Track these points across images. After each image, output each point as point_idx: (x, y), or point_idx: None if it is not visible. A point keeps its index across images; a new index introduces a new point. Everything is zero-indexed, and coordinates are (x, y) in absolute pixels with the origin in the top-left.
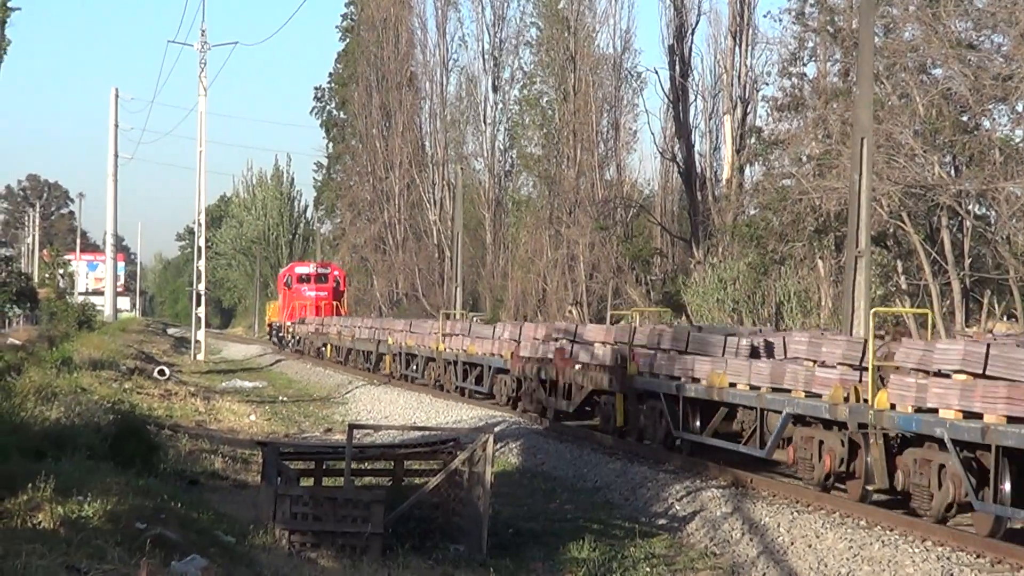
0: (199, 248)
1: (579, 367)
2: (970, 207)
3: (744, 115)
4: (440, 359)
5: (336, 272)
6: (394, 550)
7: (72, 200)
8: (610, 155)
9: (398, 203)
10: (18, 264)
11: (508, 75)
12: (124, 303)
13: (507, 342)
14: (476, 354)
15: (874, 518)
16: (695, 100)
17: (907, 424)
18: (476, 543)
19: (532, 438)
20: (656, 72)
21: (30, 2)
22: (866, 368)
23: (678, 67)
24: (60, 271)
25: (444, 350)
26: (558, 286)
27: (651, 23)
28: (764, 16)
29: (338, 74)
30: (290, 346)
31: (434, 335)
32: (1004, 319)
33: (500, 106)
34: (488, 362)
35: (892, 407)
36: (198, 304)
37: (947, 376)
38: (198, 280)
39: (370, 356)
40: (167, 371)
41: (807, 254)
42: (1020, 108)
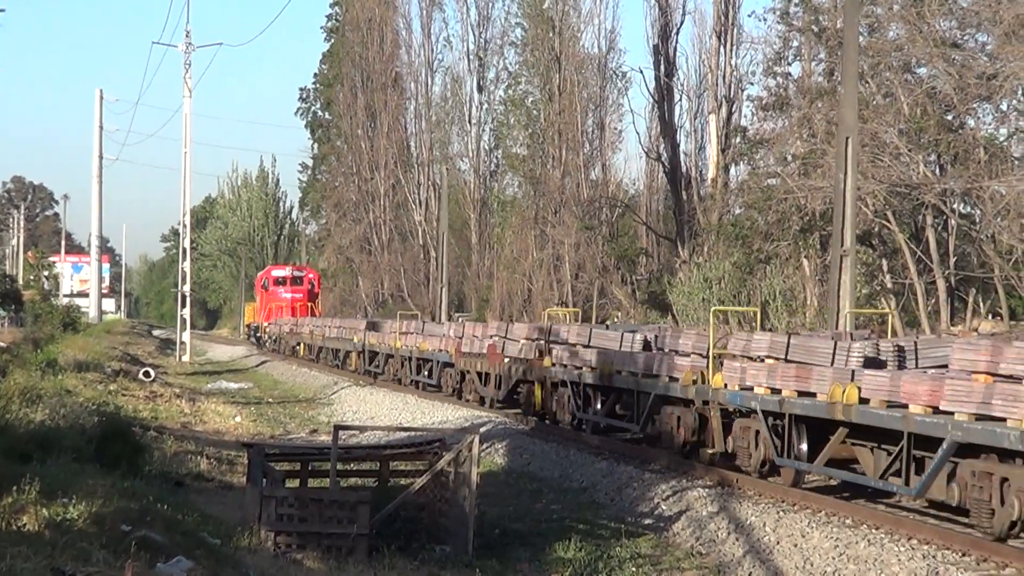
0: (184, 249)
1: (507, 360)
2: (955, 206)
3: (729, 114)
4: (398, 355)
5: (311, 275)
6: (380, 551)
7: (57, 202)
8: (595, 155)
9: (383, 204)
10: (2, 266)
11: (493, 75)
12: (109, 305)
13: (452, 339)
14: (427, 350)
15: (860, 517)
16: (680, 100)
17: (734, 399)
18: (462, 544)
19: (518, 438)
20: (641, 72)
21: (14, 3)
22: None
23: (663, 67)
24: (45, 273)
25: (401, 347)
26: (543, 286)
27: (636, 23)
28: (749, 16)
29: (323, 75)
30: (267, 345)
31: (393, 334)
32: (989, 317)
33: (485, 106)
34: (436, 357)
35: (725, 386)
36: (183, 305)
37: (761, 360)
38: (183, 281)
39: (339, 354)
40: (152, 373)
41: (792, 253)
42: (1004, 107)
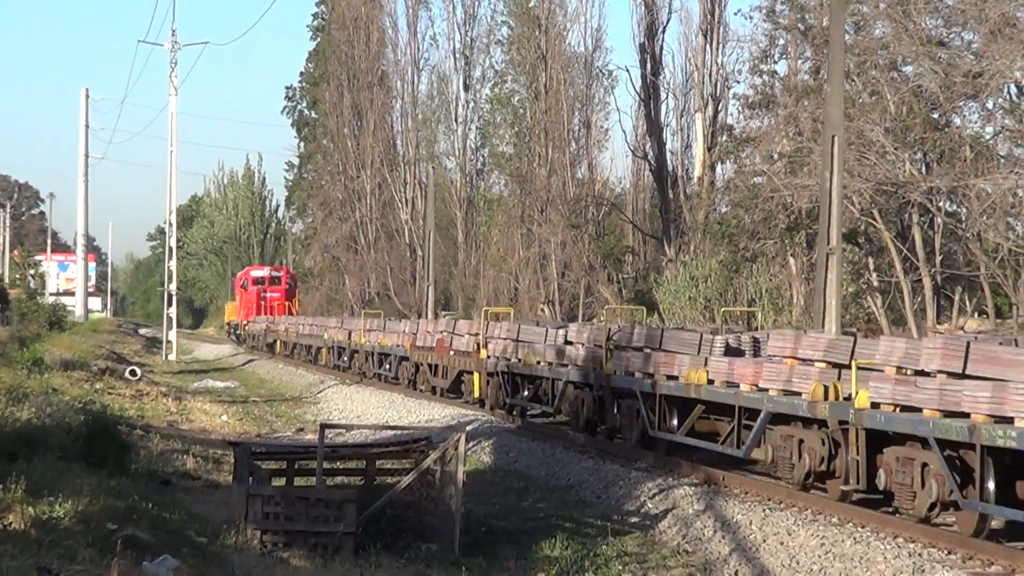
0: (170, 248)
1: (452, 353)
2: (941, 204)
3: (715, 113)
4: (362, 351)
5: (288, 275)
6: (366, 549)
7: (43, 200)
8: (581, 153)
9: (369, 202)
10: None
11: (479, 74)
12: (95, 303)
13: (408, 336)
14: (387, 345)
15: (846, 515)
16: (666, 98)
17: (620, 383)
18: (448, 542)
19: (504, 437)
20: (627, 70)
21: None
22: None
23: (649, 65)
24: (31, 272)
25: (365, 343)
26: (530, 284)
27: (622, 21)
28: (735, 14)
29: (309, 73)
30: (246, 342)
31: (358, 331)
32: (975, 316)
33: (471, 105)
34: (395, 352)
35: (614, 372)
36: (169, 304)
37: (640, 350)
38: (169, 280)
39: (311, 349)
40: (138, 371)
41: (778, 251)
42: (990, 105)
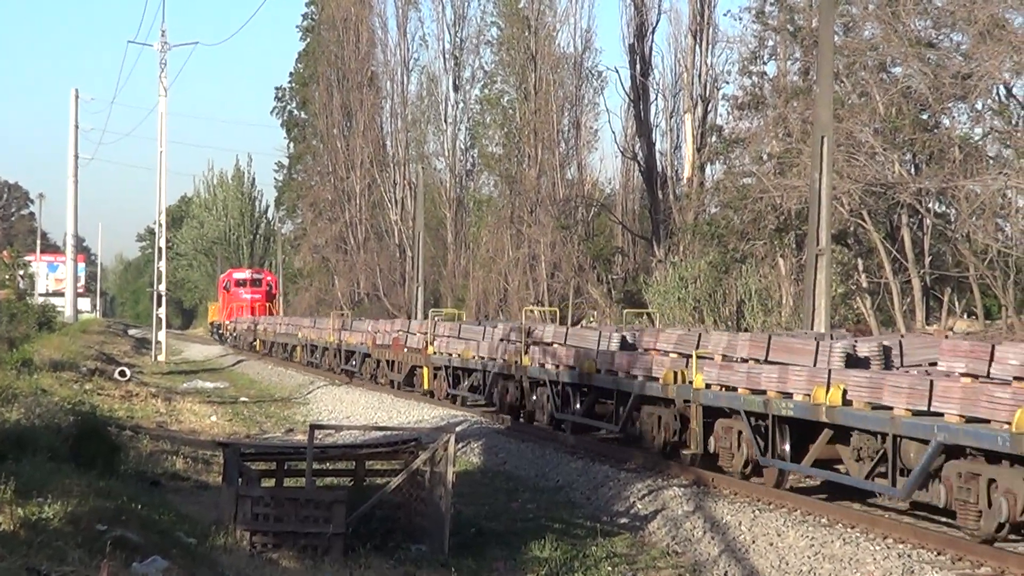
0: (160, 249)
1: (406, 350)
2: (930, 205)
3: (705, 114)
4: (331, 348)
5: (269, 277)
6: (356, 550)
7: (32, 201)
8: (571, 154)
9: (359, 203)
10: None
11: (469, 74)
12: (85, 304)
13: (370, 334)
14: (352, 343)
15: (836, 516)
16: (656, 99)
17: (533, 373)
18: (438, 543)
19: (494, 438)
20: (617, 71)
21: None
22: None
23: (639, 66)
24: (20, 272)
25: (333, 341)
26: (519, 285)
27: (612, 22)
28: (724, 15)
29: (299, 74)
30: (228, 341)
31: (327, 330)
32: (964, 316)
33: (461, 105)
34: (359, 349)
35: (529, 365)
36: (159, 305)
37: (549, 345)
38: (159, 281)
39: (287, 347)
40: (128, 372)
41: (768, 252)
42: (979, 106)
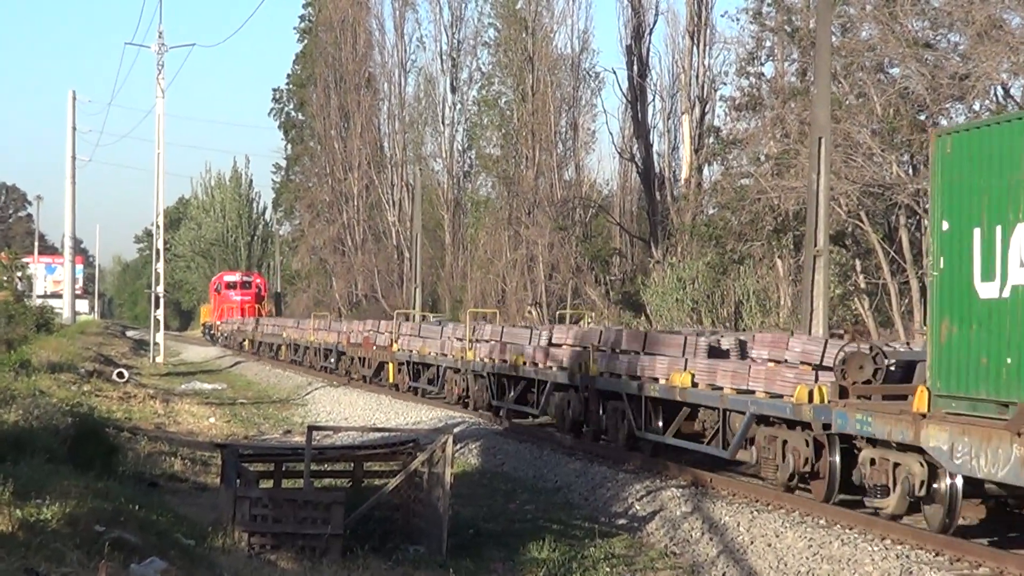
0: (158, 250)
1: (375, 348)
2: (928, 206)
3: (702, 115)
4: (312, 347)
5: (258, 280)
6: (354, 551)
7: (30, 203)
8: (569, 155)
9: (357, 204)
10: None
11: (466, 76)
12: (83, 306)
13: (345, 334)
14: (329, 342)
15: (834, 517)
16: (653, 100)
17: (478, 367)
18: (436, 544)
19: (492, 439)
20: (614, 72)
21: None
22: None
23: (636, 67)
24: (18, 274)
25: (313, 340)
26: (517, 286)
27: (609, 23)
28: (722, 16)
29: (296, 75)
30: (219, 341)
31: (308, 330)
32: None
33: (458, 107)
34: (335, 348)
35: (472, 359)
36: (157, 306)
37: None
38: (157, 282)
39: (272, 347)
40: (126, 373)
41: (766, 253)
42: (977, 107)
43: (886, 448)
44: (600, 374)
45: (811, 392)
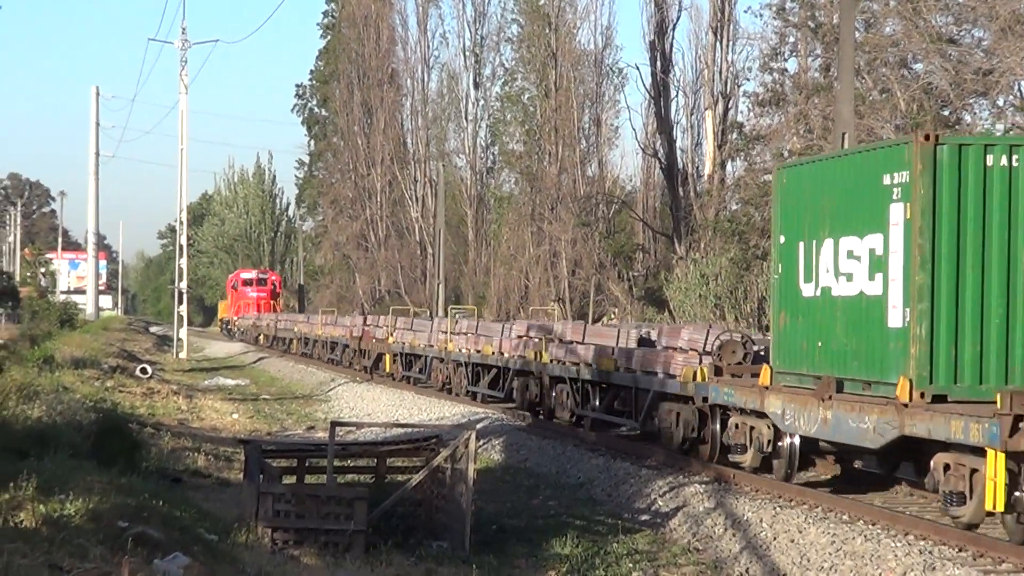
0: (181, 246)
1: (374, 341)
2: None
3: (725, 110)
4: (320, 341)
5: (273, 277)
6: (377, 547)
7: (54, 199)
8: (592, 151)
9: (380, 200)
10: None
11: (489, 72)
12: (106, 301)
13: (349, 328)
14: (336, 336)
15: (857, 513)
16: (676, 96)
17: (458, 357)
18: (459, 540)
19: (515, 435)
20: (637, 68)
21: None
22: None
23: (659, 63)
24: (42, 270)
25: (321, 334)
26: (540, 282)
27: (632, 19)
28: (745, 11)
29: (319, 71)
30: (236, 336)
31: (317, 324)
32: None
33: (482, 103)
34: (341, 341)
35: (453, 350)
36: (180, 302)
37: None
38: (180, 278)
39: (285, 340)
40: (149, 369)
41: None
42: (1001, 102)
43: (745, 415)
44: (550, 361)
45: (695, 372)
